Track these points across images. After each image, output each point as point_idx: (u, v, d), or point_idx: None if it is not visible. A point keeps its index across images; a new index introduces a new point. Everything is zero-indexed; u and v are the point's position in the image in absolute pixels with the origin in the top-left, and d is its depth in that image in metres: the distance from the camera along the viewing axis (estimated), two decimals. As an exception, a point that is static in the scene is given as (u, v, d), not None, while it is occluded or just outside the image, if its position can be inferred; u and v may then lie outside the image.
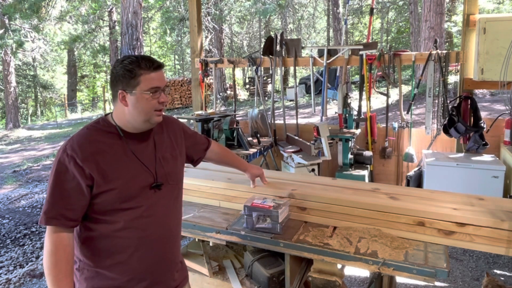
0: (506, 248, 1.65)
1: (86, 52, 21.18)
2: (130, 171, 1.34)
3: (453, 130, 3.77)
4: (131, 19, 9.57)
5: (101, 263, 1.35)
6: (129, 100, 1.32)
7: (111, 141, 1.34)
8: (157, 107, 1.34)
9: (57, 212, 1.26)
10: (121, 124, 1.37)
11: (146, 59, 1.32)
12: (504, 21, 3.50)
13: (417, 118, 8.01)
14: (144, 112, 1.33)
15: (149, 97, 1.31)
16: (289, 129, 4.79)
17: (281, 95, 6.56)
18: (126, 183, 1.32)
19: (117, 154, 1.33)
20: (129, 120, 1.35)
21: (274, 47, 4.62)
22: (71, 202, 1.27)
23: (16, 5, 11.84)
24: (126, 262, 1.36)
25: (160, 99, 1.34)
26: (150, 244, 1.38)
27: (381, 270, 1.62)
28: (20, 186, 7.13)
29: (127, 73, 1.30)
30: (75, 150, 1.28)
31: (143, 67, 1.30)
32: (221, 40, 16.17)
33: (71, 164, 1.26)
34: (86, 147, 1.29)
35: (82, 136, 1.32)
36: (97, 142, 1.32)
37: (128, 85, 1.31)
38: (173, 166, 1.48)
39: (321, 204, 1.98)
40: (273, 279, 1.93)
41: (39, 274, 3.49)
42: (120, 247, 1.35)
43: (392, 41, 20.90)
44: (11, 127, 15.72)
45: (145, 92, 1.30)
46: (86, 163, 1.27)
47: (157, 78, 1.32)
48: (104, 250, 1.35)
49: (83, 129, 1.36)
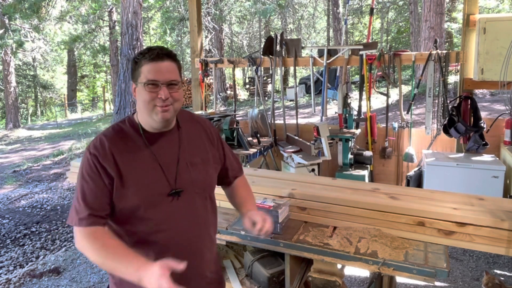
0: (506, 248, 1.65)
1: (86, 52, 21.17)
2: (148, 176, 1.25)
3: (453, 130, 3.77)
4: (131, 19, 9.57)
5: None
6: (137, 92, 1.26)
7: (132, 141, 1.27)
8: (158, 102, 1.22)
9: (87, 212, 1.20)
10: (141, 122, 1.29)
11: (153, 48, 1.23)
12: (504, 21, 3.50)
13: (417, 118, 8.01)
14: (144, 106, 1.23)
15: (147, 90, 1.21)
16: (289, 129, 4.79)
17: (281, 95, 6.55)
18: (142, 189, 1.24)
19: (136, 156, 1.25)
20: (141, 115, 1.28)
21: (274, 47, 4.62)
22: (100, 201, 1.22)
23: (16, 5, 11.84)
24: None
25: (159, 94, 1.21)
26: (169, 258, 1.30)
27: (381, 270, 1.62)
28: (20, 186, 7.13)
29: (133, 63, 1.24)
30: (98, 149, 1.23)
31: (146, 57, 1.21)
32: (221, 40, 16.18)
33: (95, 163, 1.22)
34: (107, 147, 1.23)
35: (106, 135, 1.27)
36: (118, 142, 1.26)
37: (133, 76, 1.25)
38: (201, 171, 1.33)
39: (321, 204, 1.98)
40: (273, 279, 1.93)
41: (39, 274, 3.49)
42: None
43: (392, 41, 20.90)
44: (11, 127, 15.71)
45: (144, 84, 1.21)
46: (107, 162, 1.22)
47: (155, 69, 1.20)
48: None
49: (108, 128, 1.30)
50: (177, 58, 1.29)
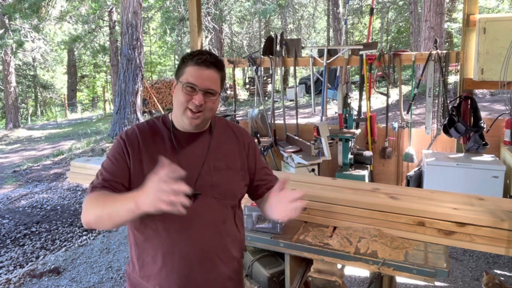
0: (506, 248, 1.65)
1: (86, 52, 21.18)
2: None
3: (453, 130, 3.77)
4: (131, 19, 9.57)
5: (137, 272, 1.31)
6: (175, 89, 1.29)
7: (161, 137, 1.29)
8: (190, 105, 1.23)
9: (102, 183, 1.22)
10: (174, 120, 1.32)
11: (203, 52, 1.26)
12: (504, 21, 3.50)
13: (417, 118, 8.01)
14: (177, 104, 1.26)
15: (184, 90, 1.23)
16: (289, 129, 4.79)
17: (281, 95, 6.55)
18: None
19: (161, 151, 1.25)
20: (175, 112, 1.30)
21: (274, 47, 4.62)
22: (117, 179, 1.23)
23: (16, 5, 11.84)
24: (156, 276, 1.27)
25: (193, 99, 1.22)
26: (178, 262, 1.26)
27: (381, 270, 1.62)
28: (20, 186, 7.13)
29: (181, 62, 1.28)
30: (128, 135, 1.28)
31: (194, 59, 1.24)
32: (221, 40, 16.19)
33: (122, 147, 1.26)
34: (136, 135, 1.28)
35: (138, 126, 1.32)
36: (147, 134, 1.29)
37: (177, 73, 1.28)
38: (224, 177, 1.30)
39: (321, 204, 1.98)
40: (273, 279, 1.93)
41: (39, 274, 3.49)
42: (148, 260, 1.28)
43: (392, 41, 20.90)
44: (11, 127, 15.71)
45: (183, 84, 1.23)
46: (132, 148, 1.25)
47: (198, 75, 1.23)
48: (138, 260, 1.31)
49: (142, 122, 1.35)
50: (223, 69, 1.30)
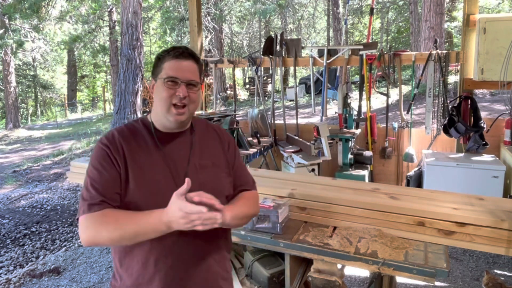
0: (506, 248, 1.65)
1: (86, 52, 21.16)
2: (154, 174, 1.23)
3: (453, 130, 3.77)
4: (131, 19, 9.57)
5: (125, 282, 1.26)
6: (155, 87, 1.26)
7: (143, 140, 1.27)
8: (174, 99, 1.22)
9: (100, 198, 1.17)
10: (154, 121, 1.30)
11: (179, 47, 1.25)
12: (504, 21, 3.50)
13: (417, 118, 8.01)
14: (160, 102, 1.23)
15: (166, 85, 1.22)
16: (289, 129, 4.79)
17: (281, 95, 6.56)
18: (147, 187, 1.21)
19: (145, 154, 1.25)
20: (156, 113, 1.28)
21: (274, 47, 4.62)
22: (112, 190, 1.19)
23: (16, 5, 11.84)
24: (148, 283, 1.23)
25: (177, 92, 1.22)
26: (171, 265, 1.23)
27: (381, 270, 1.62)
28: (20, 186, 7.13)
29: (156, 59, 1.26)
30: (109, 140, 1.24)
31: (170, 54, 1.23)
32: (221, 40, 16.18)
33: (107, 153, 1.22)
34: (118, 140, 1.24)
35: (117, 130, 1.28)
36: (129, 137, 1.26)
37: (154, 72, 1.26)
38: (211, 175, 1.30)
39: (321, 204, 1.98)
40: (273, 279, 1.93)
41: (39, 274, 3.49)
42: (139, 267, 1.24)
43: (392, 41, 20.90)
44: (11, 127, 15.71)
45: (163, 79, 1.22)
46: (117, 154, 1.22)
47: (177, 67, 1.22)
48: (126, 269, 1.26)
49: (121, 125, 1.32)
50: (200, 60, 1.30)
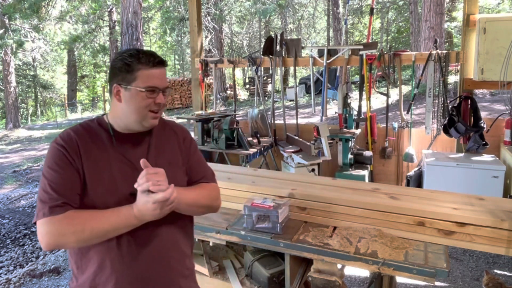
0: (506, 248, 1.65)
1: (86, 52, 21.17)
2: (112, 174, 1.21)
3: (453, 130, 3.77)
4: (131, 19, 9.57)
5: (83, 284, 1.24)
6: (123, 95, 1.22)
7: (100, 141, 1.25)
8: (152, 107, 1.23)
9: (61, 200, 1.14)
10: (114, 123, 1.27)
11: (147, 53, 1.23)
12: (504, 21, 3.50)
13: (417, 118, 8.01)
14: (137, 111, 1.22)
15: (144, 95, 1.21)
16: (289, 129, 4.79)
17: (281, 95, 6.55)
18: (105, 187, 1.20)
19: (103, 155, 1.23)
20: (121, 118, 1.25)
21: (274, 47, 4.62)
22: (72, 192, 1.16)
23: (16, 5, 11.84)
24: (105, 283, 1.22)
25: (156, 100, 1.23)
26: (125, 262, 1.22)
27: (381, 270, 1.62)
28: (20, 186, 7.13)
29: (125, 66, 1.20)
30: (65, 141, 1.20)
31: (143, 62, 1.20)
32: (221, 40, 16.18)
33: (64, 154, 1.18)
34: (74, 140, 1.21)
35: (73, 130, 1.24)
36: (85, 137, 1.23)
37: (123, 79, 1.21)
38: (168, 174, 1.23)
39: (321, 204, 1.98)
40: (273, 279, 1.93)
41: (39, 274, 3.49)
42: (95, 268, 1.22)
43: (392, 41, 20.90)
44: (11, 127, 15.70)
45: (141, 89, 1.20)
46: (75, 155, 1.19)
47: (156, 76, 1.22)
48: (83, 271, 1.24)
49: (75, 125, 1.28)
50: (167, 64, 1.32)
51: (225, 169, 2.64)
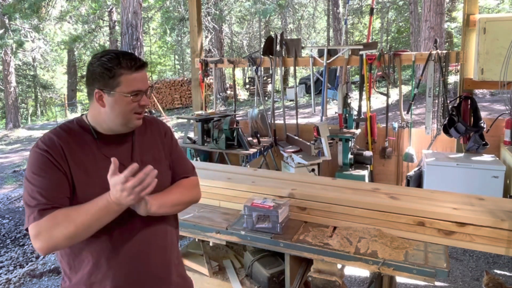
0: (506, 248, 1.65)
1: (86, 52, 21.14)
2: (100, 176, 1.19)
3: (453, 130, 3.77)
4: (131, 19, 9.57)
5: (77, 283, 1.25)
6: (106, 100, 1.21)
7: (84, 143, 1.24)
8: (137, 109, 1.24)
9: (51, 204, 1.13)
10: (96, 125, 1.26)
11: (127, 57, 1.20)
12: (504, 21, 3.50)
13: (417, 118, 8.01)
14: (122, 115, 1.22)
15: (129, 99, 1.21)
16: (289, 129, 4.79)
17: (281, 95, 6.56)
18: (92, 188, 1.18)
19: (88, 157, 1.23)
20: (105, 121, 1.25)
21: (274, 47, 4.62)
22: (61, 195, 1.16)
23: (16, 5, 11.84)
24: (102, 281, 1.23)
25: (141, 102, 1.24)
26: (120, 258, 1.24)
27: (381, 270, 1.62)
28: (20, 186, 7.13)
29: (106, 71, 1.18)
30: (48, 145, 1.18)
31: (124, 67, 1.19)
32: (221, 40, 16.17)
33: (49, 158, 1.17)
34: (57, 144, 1.19)
35: (54, 133, 1.23)
36: (68, 140, 1.22)
37: (106, 85, 1.19)
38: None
39: (321, 204, 1.98)
40: (273, 279, 1.93)
41: (39, 274, 3.49)
42: (89, 267, 1.23)
43: (392, 41, 20.90)
44: (11, 127, 15.71)
45: (125, 94, 1.20)
46: (60, 158, 1.18)
47: (139, 79, 1.22)
48: (77, 271, 1.24)
49: (55, 128, 1.26)
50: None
51: (225, 169, 2.64)
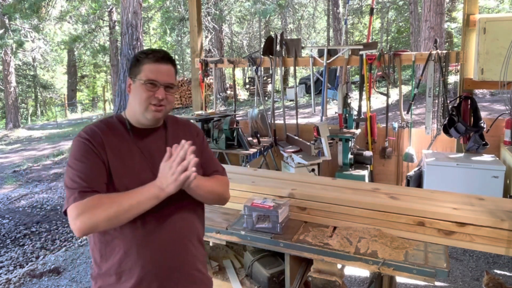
0: (506, 248, 1.65)
1: (86, 52, 21.14)
2: (135, 168, 1.30)
3: (453, 130, 3.77)
4: (131, 19, 9.57)
5: (107, 271, 1.30)
6: (132, 87, 1.33)
7: (121, 135, 1.33)
8: (152, 101, 1.30)
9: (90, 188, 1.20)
10: (130, 118, 1.36)
11: (156, 51, 1.33)
12: (504, 21, 3.50)
13: (417, 118, 8.01)
14: (139, 102, 1.31)
15: (145, 87, 1.29)
16: (289, 129, 4.79)
17: (281, 95, 6.56)
18: (128, 179, 1.27)
19: (124, 149, 1.31)
20: (132, 111, 1.35)
21: (274, 47, 4.62)
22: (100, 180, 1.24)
23: (16, 5, 11.84)
24: (131, 270, 1.28)
25: (156, 94, 1.30)
26: (150, 248, 1.30)
27: (381, 270, 1.62)
28: (20, 186, 7.13)
29: (134, 60, 1.33)
30: (90, 135, 1.28)
31: (149, 57, 1.31)
32: (221, 40, 16.18)
33: (90, 147, 1.25)
34: (98, 135, 1.29)
35: (96, 126, 1.33)
36: (107, 132, 1.31)
37: (132, 72, 1.33)
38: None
39: (321, 204, 1.98)
40: (273, 279, 1.93)
41: (39, 274, 3.49)
42: (120, 256, 1.28)
43: (392, 41, 20.90)
44: (11, 127, 15.70)
45: (143, 81, 1.29)
46: (100, 149, 1.27)
47: (157, 71, 1.30)
48: (108, 258, 1.30)
49: (96, 121, 1.36)
50: (175, 63, 1.40)
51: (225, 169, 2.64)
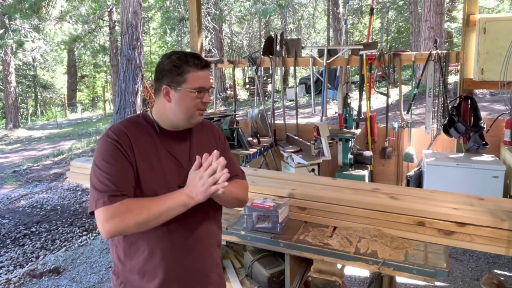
0: (506, 248, 1.65)
1: (86, 52, 21.12)
2: (162, 170, 1.31)
3: (453, 130, 3.77)
4: (131, 19, 9.56)
5: (130, 270, 1.32)
6: (173, 96, 1.31)
7: (148, 136, 1.33)
8: (200, 106, 1.34)
9: (119, 192, 1.20)
10: (159, 120, 1.36)
11: (194, 56, 1.32)
12: (504, 21, 3.50)
13: (417, 118, 8.01)
14: (186, 110, 1.32)
15: (194, 96, 1.31)
16: (289, 129, 4.79)
17: (281, 95, 6.56)
18: (155, 179, 1.28)
19: (152, 151, 1.31)
20: (169, 117, 1.34)
21: (274, 47, 4.62)
22: (128, 182, 1.24)
23: (16, 5, 11.83)
24: (154, 270, 1.30)
25: (203, 99, 1.33)
26: (174, 250, 1.32)
27: (381, 270, 1.62)
28: (20, 186, 7.13)
29: (174, 68, 1.30)
30: (117, 135, 1.27)
31: (191, 65, 1.30)
32: (221, 40, 16.19)
33: (118, 147, 1.25)
34: (126, 135, 1.28)
35: (123, 125, 1.32)
36: (135, 132, 1.31)
37: (173, 81, 1.30)
38: None
39: (321, 204, 1.98)
40: (273, 279, 1.93)
41: (39, 274, 3.49)
42: (144, 256, 1.30)
43: (392, 41, 20.90)
44: (11, 127, 15.70)
45: (191, 90, 1.30)
46: (128, 149, 1.26)
47: (203, 77, 1.32)
48: (131, 258, 1.32)
49: (123, 120, 1.36)
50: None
51: (225, 169, 2.64)
